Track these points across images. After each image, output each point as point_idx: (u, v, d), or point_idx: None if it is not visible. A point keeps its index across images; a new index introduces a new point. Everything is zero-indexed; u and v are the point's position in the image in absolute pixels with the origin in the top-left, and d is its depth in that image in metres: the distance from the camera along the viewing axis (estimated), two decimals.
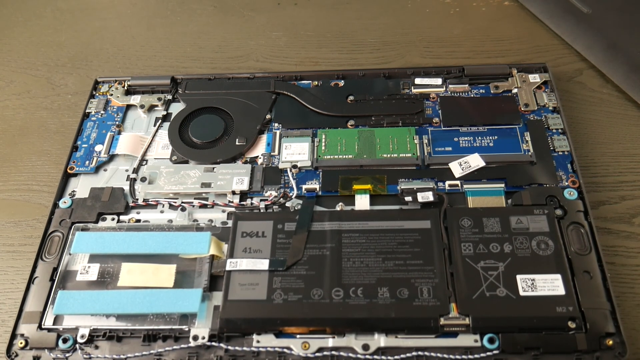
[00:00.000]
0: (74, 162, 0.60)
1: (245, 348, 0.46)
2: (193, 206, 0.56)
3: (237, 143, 0.59)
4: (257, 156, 0.59)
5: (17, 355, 0.48)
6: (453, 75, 0.64)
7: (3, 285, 0.55)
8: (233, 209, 0.54)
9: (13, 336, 0.48)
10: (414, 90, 0.63)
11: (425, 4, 0.80)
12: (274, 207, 0.54)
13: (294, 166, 0.57)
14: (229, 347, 0.46)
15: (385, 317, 0.46)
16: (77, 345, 0.47)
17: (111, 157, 0.61)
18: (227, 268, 0.49)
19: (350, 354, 0.45)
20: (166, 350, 0.47)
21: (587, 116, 0.63)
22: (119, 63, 0.76)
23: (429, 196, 0.52)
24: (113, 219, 0.55)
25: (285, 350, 0.46)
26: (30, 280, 0.51)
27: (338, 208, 0.54)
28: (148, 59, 0.76)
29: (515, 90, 0.62)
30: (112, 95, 0.66)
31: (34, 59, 0.78)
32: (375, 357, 0.45)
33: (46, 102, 0.72)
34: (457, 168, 0.55)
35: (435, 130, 0.59)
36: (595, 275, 0.47)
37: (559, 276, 0.47)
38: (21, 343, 0.48)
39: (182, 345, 0.47)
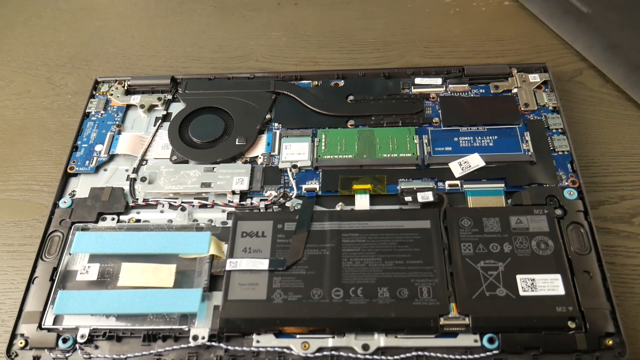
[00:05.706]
0: (74, 162, 0.60)
1: (245, 348, 0.46)
2: (193, 206, 0.56)
3: (237, 143, 0.59)
4: (257, 156, 0.59)
5: (17, 355, 0.48)
6: (453, 75, 0.64)
7: (3, 285, 0.55)
8: (233, 209, 0.54)
9: (13, 336, 0.48)
10: (414, 90, 0.63)
11: (425, 4, 0.80)
12: (274, 207, 0.54)
13: (294, 166, 0.57)
14: (229, 347, 0.46)
15: (385, 317, 0.46)
16: (77, 345, 0.47)
17: (111, 157, 0.61)
18: (227, 268, 0.49)
19: (350, 354, 0.45)
20: (166, 350, 0.47)
21: (587, 116, 0.63)
22: (119, 63, 0.76)
23: (429, 196, 0.52)
24: (113, 219, 0.55)
25: (285, 350, 0.46)
26: (30, 280, 0.51)
27: (338, 208, 0.54)
28: (148, 59, 0.76)
29: (515, 90, 0.62)
30: (112, 95, 0.66)
31: (34, 59, 0.78)
32: (375, 357, 0.45)
33: (46, 102, 0.72)
34: (457, 168, 0.55)
35: (435, 130, 0.59)
36: (595, 275, 0.47)
37: (558, 276, 0.47)
38: (21, 343, 0.48)
39: (182, 345, 0.47)
